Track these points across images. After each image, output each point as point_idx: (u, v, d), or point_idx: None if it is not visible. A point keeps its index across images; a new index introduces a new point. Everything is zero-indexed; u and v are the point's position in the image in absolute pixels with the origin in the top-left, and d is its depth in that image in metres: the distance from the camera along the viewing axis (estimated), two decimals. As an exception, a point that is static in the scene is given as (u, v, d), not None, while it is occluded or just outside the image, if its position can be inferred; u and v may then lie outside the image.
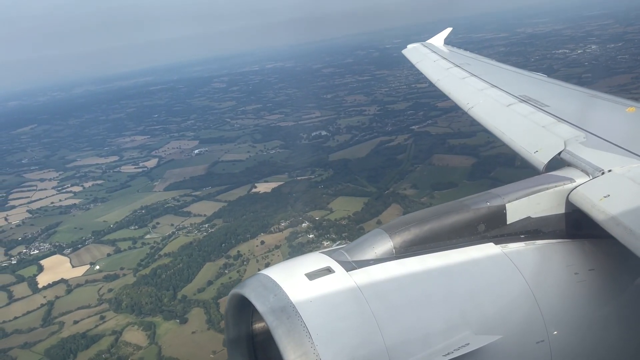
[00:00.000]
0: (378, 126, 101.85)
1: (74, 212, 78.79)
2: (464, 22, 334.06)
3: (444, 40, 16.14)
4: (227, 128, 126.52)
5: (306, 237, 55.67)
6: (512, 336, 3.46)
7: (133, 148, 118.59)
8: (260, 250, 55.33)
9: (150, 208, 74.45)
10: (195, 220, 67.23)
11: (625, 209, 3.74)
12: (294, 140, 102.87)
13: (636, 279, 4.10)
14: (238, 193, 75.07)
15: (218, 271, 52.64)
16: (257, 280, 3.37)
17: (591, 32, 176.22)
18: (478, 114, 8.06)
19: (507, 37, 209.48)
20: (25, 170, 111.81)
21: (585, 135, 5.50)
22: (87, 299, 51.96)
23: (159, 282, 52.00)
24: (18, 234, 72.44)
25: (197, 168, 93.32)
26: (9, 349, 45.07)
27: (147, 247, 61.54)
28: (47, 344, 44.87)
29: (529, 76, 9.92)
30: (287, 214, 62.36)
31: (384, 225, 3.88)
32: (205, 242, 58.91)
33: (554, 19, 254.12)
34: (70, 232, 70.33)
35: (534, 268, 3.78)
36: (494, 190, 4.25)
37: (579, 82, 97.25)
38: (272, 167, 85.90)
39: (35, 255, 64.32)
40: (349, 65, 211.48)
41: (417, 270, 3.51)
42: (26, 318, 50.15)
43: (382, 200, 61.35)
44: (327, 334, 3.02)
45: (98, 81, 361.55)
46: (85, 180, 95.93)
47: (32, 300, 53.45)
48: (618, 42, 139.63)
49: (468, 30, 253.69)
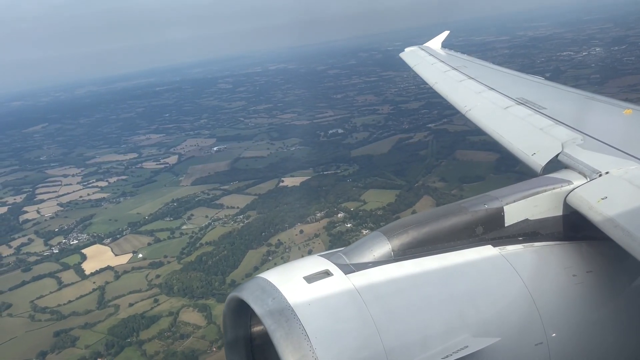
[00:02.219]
0: (394, 124, 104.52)
1: (105, 205, 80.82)
2: (463, 25, 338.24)
3: (442, 43, 16.42)
4: (242, 126, 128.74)
5: (344, 226, 58.17)
6: (510, 338, 3.46)
7: (150, 146, 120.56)
8: (300, 238, 57.72)
9: (181, 201, 76.64)
10: (228, 212, 69.49)
11: (622, 211, 3.76)
12: (311, 137, 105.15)
13: (634, 280, 4.11)
14: (266, 187, 77.34)
15: (262, 258, 54.93)
16: (255, 283, 3.39)
17: (593, 35, 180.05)
18: (476, 117, 8.10)
19: (509, 39, 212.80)
20: (46, 166, 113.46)
21: (583, 137, 5.54)
22: (136, 284, 54.11)
23: (206, 268, 54.29)
24: (53, 225, 74.38)
25: (219, 164, 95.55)
26: (70, 329, 47.18)
27: (186, 237, 63.76)
28: (107, 324, 47.04)
29: (526, 79, 10.12)
30: (321, 205, 64.85)
31: (382, 228, 3.92)
32: (245, 232, 61.24)
33: (554, 22, 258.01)
34: (106, 224, 72.37)
35: (532, 270, 3.78)
36: (491, 192, 4.32)
37: (588, 83, 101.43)
38: (295, 162, 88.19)
39: (76, 245, 66.37)
40: (353, 67, 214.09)
41: (416, 272, 3.51)
42: (80, 301, 52.24)
43: (413, 192, 63.94)
44: (325, 337, 3.03)
45: (100, 82, 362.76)
46: (109, 176, 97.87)
47: (82, 286, 55.54)
48: (622, 44, 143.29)
49: (468, 33, 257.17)
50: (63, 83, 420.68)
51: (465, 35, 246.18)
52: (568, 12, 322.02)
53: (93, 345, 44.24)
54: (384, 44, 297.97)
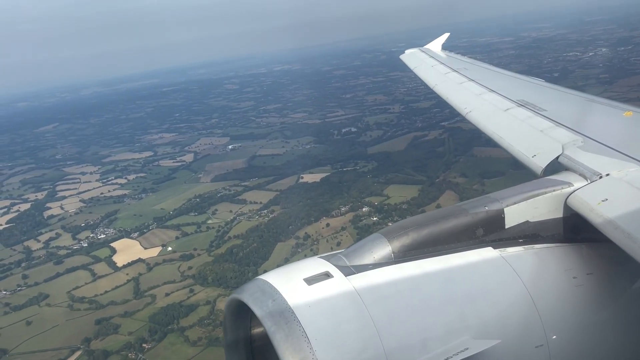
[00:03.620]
0: (407, 123, 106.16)
1: (127, 202, 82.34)
2: (466, 27, 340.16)
3: (442, 45, 16.47)
4: (254, 126, 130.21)
5: (370, 219, 59.75)
6: (511, 341, 3.48)
7: (164, 144, 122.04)
8: (327, 232, 59.26)
9: (203, 197, 78.15)
10: (252, 207, 70.94)
11: (623, 213, 3.78)
12: (325, 136, 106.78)
13: (634, 282, 4.11)
14: (286, 183, 78.83)
15: (291, 250, 56.40)
16: (255, 285, 3.40)
17: (597, 36, 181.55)
18: (476, 119, 8.11)
19: (513, 41, 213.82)
20: (62, 165, 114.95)
21: (583, 139, 5.54)
22: (169, 275, 55.59)
23: (237, 259, 55.81)
24: (79, 220, 75.82)
25: (236, 162, 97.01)
26: (110, 318, 48.66)
27: (213, 231, 65.25)
28: (146, 313, 48.54)
29: (526, 81, 10.07)
30: (345, 200, 66.40)
31: (382, 230, 3.94)
32: (271, 225, 62.76)
33: (556, 24, 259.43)
34: (131, 219, 73.83)
35: (532, 272, 3.80)
36: (492, 194, 4.33)
37: (598, 83, 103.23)
38: (312, 159, 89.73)
39: (104, 239, 67.83)
40: (358, 68, 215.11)
41: (416, 274, 3.52)
42: (116, 292, 53.72)
43: (435, 187, 65.61)
44: (325, 339, 3.04)
45: (104, 83, 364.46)
46: (128, 173, 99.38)
47: (115, 277, 57.01)
48: (627, 45, 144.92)
49: (472, 35, 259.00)
50: (67, 84, 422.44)
51: (469, 37, 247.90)
52: (569, 13, 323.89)
53: (136, 332, 45.74)
54: (387, 45, 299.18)
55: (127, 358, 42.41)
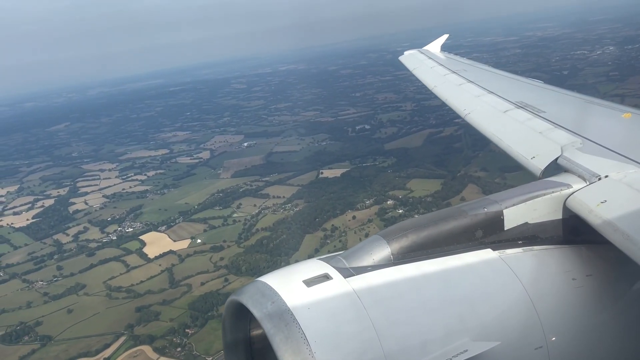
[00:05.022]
0: (420, 120, 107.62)
1: (150, 197, 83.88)
2: (469, 26, 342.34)
3: (441, 46, 16.43)
4: (267, 124, 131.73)
5: (396, 212, 61.27)
6: (510, 342, 3.48)
7: (179, 142, 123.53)
8: (353, 224, 60.77)
9: (226, 192, 79.75)
10: (276, 201, 72.50)
11: (622, 215, 3.79)
12: (340, 133, 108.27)
13: (634, 284, 4.12)
14: (307, 178, 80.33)
15: (320, 241, 57.97)
16: (254, 287, 3.39)
17: (603, 35, 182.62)
18: (475, 120, 8.08)
19: (518, 40, 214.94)
20: (79, 162, 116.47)
21: (582, 141, 5.54)
22: (202, 265, 57.11)
23: (268, 250, 57.29)
24: (104, 215, 77.37)
25: (253, 158, 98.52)
26: (149, 305, 50.22)
27: (239, 224, 66.82)
28: (185, 301, 50.06)
29: (526, 82, 10.03)
30: (369, 194, 67.96)
31: (381, 231, 3.94)
32: (298, 218, 64.28)
33: (560, 23, 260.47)
34: (156, 213, 75.34)
35: (531, 274, 3.81)
36: (491, 196, 4.33)
37: (608, 80, 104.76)
38: (330, 156, 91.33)
39: (132, 232, 69.40)
40: (365, 67, 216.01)
41: (415, 276, 3.53)
42: (152, 281, 55.25)
43: (457, 181, 67.23)
44: (325, 341, 3.04)
45: (109, 84, 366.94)
46: (146, 170, 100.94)
47: (149, 268, 58.53)
48: (635, 43, 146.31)
49: (476, 34, 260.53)
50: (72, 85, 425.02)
51: (473, 36, 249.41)
52: (571, 13, 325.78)
53: (177, 318, 47.26)
54: (391, 45, 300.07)
55: (173, 342, 43.91)
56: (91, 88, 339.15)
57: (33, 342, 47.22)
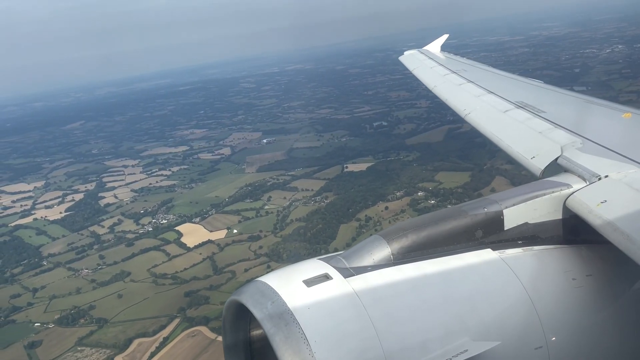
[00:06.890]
0: (437, 116, 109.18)
1: (179, 191, 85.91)
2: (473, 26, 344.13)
3: (441, 46, 16.53)
4: (283, 121, 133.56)
5: (428, 202, 63.26)
6: (510, 342, 3.49)
7: (198, 139, 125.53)
8: (386, 214, 62.74)
9: (254, 185, 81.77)
10: (305, 194, 74.49)
11: (622, 215, 3.79)
12: (358, 129, 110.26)
13: (633, 284, 4.13)
14: (332, 172, 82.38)
15: (356, 230, 59.88)
16: (254, 287, 3.39)
17: (610, 34, 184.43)
18: (475, 120, 8.08)
19: (525, 39, 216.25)
20: (101, 159, 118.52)
21: (582, 141, 5.53)
22: (242, 254, 59.10)
23: (306, 239, 59.29)
24: (136, 208, 79.38)
25: (275, 154, 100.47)
26: (197, 290, 52.22)
27: (272, 215, 68.80)
28: (231, 286, 51.85)
29: (526, 82, 10.04)
30: (398, 186, 69.97)
31: (381, 231, 3.94)
32: (330, 209, 66.28)
33: (566, 22, 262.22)
34: (187, 206, 77.34)
35: (531, 274, 3.80)
36: (491, 196, 4.34)
37: (621, 77, 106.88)
38: (352, 151, 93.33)
39: (167, 224, 71.42)
40: (373, 66, 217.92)
41: (415, 276, 3.53)
42: (195, 269, 57.24)
43: (485, 173, 69.17)
44: (325, 341, 3.05)
45: (117, 83, 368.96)
46: (170, 166, 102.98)
47: (190, 257, 60.51)
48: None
49: (481, 34, 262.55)
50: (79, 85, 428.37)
51: (479, 36, 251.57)
52: (575, 13, 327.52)
53: (226, 302, 49.12)
54: (397, 45, 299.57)
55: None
56: (99, 88, 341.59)
57: (89, 324, 49.26)
